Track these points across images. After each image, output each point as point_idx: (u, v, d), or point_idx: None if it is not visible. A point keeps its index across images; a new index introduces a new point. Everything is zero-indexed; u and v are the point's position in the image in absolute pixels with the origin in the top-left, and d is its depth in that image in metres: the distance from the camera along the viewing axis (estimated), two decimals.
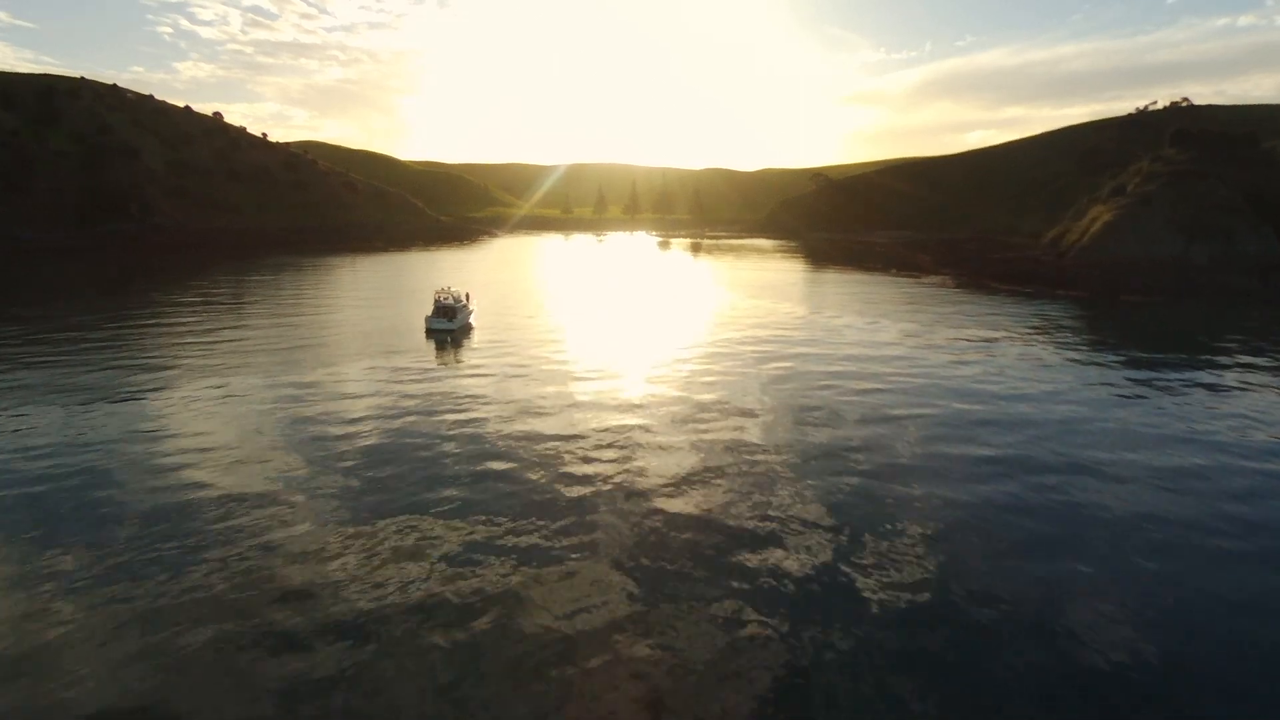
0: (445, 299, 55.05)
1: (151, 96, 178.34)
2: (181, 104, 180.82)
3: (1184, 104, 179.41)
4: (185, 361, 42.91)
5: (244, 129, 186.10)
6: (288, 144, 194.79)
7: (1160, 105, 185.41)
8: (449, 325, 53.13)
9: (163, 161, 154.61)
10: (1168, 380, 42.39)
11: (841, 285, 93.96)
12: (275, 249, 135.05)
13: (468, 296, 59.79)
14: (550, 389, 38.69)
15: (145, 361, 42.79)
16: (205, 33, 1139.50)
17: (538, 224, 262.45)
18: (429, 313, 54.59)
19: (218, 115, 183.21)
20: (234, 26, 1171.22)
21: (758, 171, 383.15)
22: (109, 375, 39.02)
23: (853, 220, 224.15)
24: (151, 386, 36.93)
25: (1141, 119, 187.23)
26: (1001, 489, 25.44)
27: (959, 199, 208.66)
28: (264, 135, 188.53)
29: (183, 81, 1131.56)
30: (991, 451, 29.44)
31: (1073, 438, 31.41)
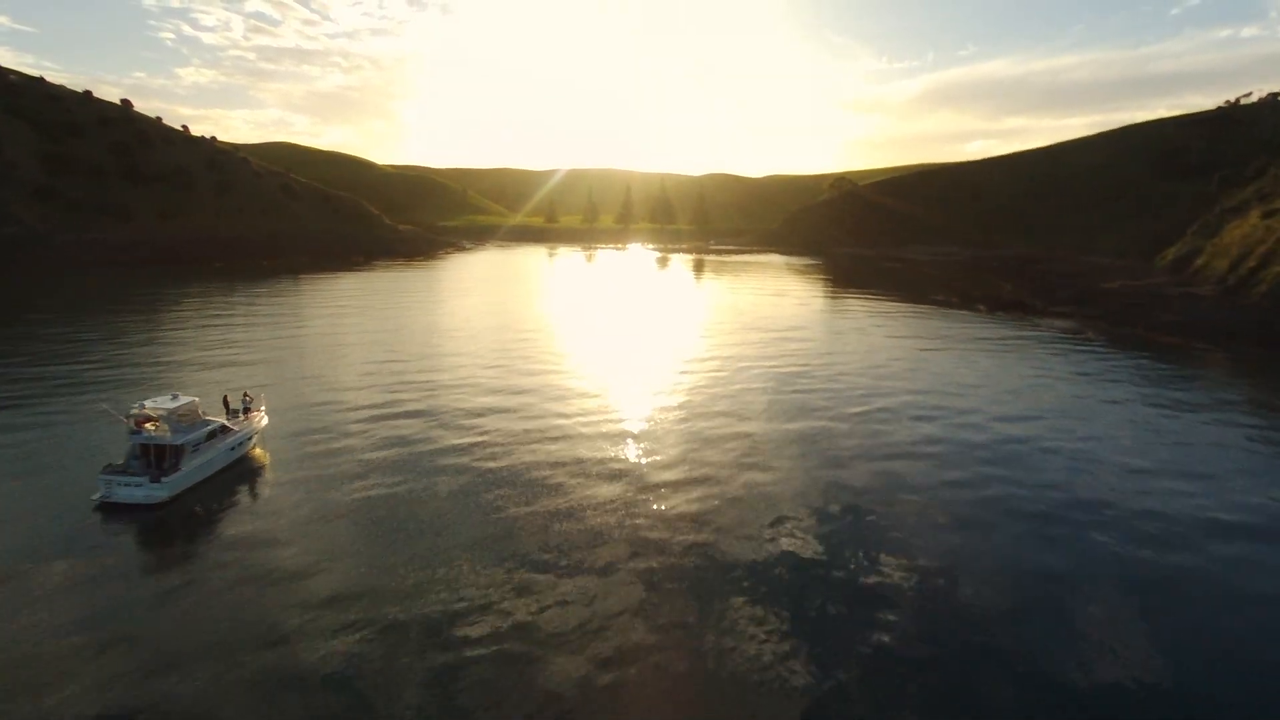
0: (150, 431, 23.79)
1: (42, 79, 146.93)
2: (81, 89, 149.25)
3: None
4: None
5: (159, 119, 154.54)
6: (213, 139, 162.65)
7: (1255, 98, 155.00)
8: (152, 494, 22.14)
9: (35, 156, 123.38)
10: None
11: (921, 328, 62.69)
12: (162, 268, 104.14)
13: (244, 403, 28.63)
14: None
15: None
16: (207, 38, 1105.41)
17: (519, 234, 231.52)
18: (122, 456, 23.63)
19: (126, 103, 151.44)
20: (236, 33, 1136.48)
21: (764, 177, 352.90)
22: None
23: (878, 232, 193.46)
24: None
25: (1232, 114, 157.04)
26: None
27: (1008, 209, 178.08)
28: (184, 127, 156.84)
29: (184, 87, 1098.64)
30: None
31: None
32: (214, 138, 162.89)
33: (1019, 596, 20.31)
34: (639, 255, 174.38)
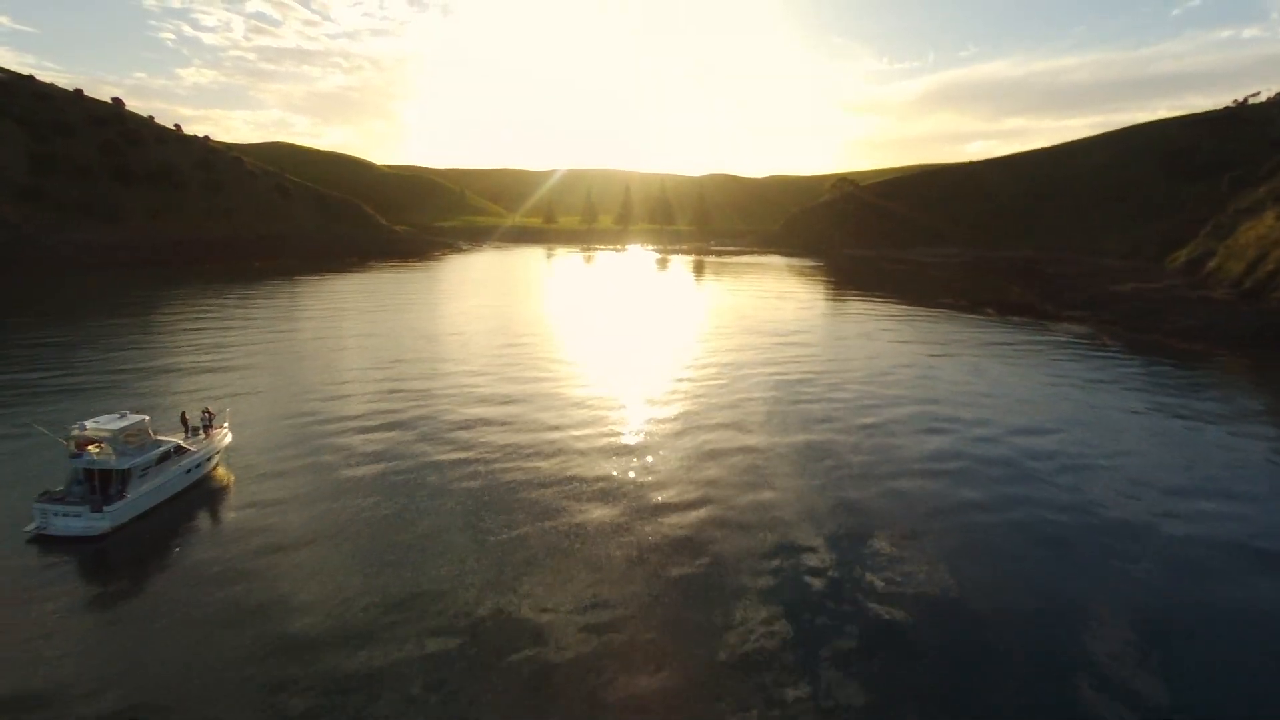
0: (93, 454, 21.76)
1: (32, 77, 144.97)
2: (71, 88, 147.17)
3: None
4: None
5: (151, 118, 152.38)
6: (206, 138, 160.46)
7: (1263, 97, 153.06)
8: (92, 525, 20.21)
9: (24, 155, 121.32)
10: None
11: (929, 333, 60.52)
12: (153, 270, 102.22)
13: (204, 420, 26.64)
14: None
15: None
16: (208, 39, 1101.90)
17: (518, 235, 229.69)
18: (65, 479, 21.73)
19: (117, 101, 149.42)
20: (237, 33, 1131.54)
21: (765, 178, 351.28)
22: None
23: (879, 234, 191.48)
24: None
25: (1240, 113, 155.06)
26: None
27: (1010, 210, 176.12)
28: (176, 126, 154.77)
29: (185, 88, 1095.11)
30: None
31: None
32: (207, 137, 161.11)
33: (1043, 633, 18.32)
34: (638, 257, 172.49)
